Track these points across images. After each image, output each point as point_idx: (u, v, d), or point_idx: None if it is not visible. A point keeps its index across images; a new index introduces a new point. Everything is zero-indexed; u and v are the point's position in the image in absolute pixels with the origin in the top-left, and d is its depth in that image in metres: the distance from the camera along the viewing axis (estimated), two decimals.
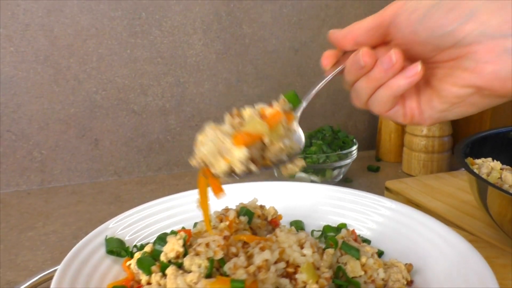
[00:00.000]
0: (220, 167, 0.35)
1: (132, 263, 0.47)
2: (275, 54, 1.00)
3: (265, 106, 0.40)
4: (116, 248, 0.50)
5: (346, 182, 0.91)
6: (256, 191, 0.62)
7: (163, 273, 0.41)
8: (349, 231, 0.51)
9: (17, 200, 0.86)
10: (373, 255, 0.45)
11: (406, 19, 0.37)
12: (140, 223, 0.57)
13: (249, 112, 0.38)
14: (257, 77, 1.00)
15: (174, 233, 0.49)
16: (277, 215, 0.52)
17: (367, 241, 0.53)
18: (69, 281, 0.44)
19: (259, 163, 0.37)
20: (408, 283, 0.45)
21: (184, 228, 0.55)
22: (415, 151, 0.93)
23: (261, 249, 0.40)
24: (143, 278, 0.44)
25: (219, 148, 0.35)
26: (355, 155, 0.87)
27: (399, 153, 1.02)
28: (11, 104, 0.86)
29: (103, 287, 0.46)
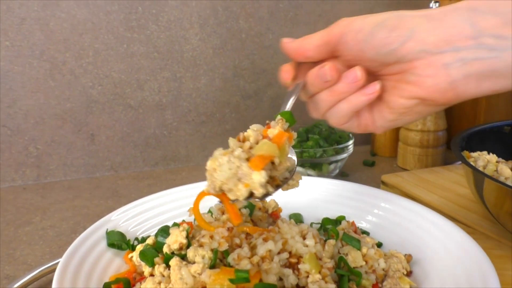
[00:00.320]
0: (241, 192, 0.35)
1: (135, 255, 0.47)
2: (271, 49, 1.00)
3: (261, 128, 0.40)
4: (117, 241, 0.50)
5: (343, 176, 0.92)
6: None
7: (166, 265, 0.42)
8: (349, 222, 0.52)
9: (13, 196, 0.85)
10: (373, 246, 0.46)
11: (353, 38, 0.40)
12: (140, 216, 0.57)
13: (254, 135, 0.38)
14: (254, 72, 1.00)
15: (177, 225, 0.49)
16: (277, 207, 0.52)
17: (366, 233, 0.54)
18: (71, 273, 0.44)
19: (271, 183, 0.38)
20: (408, 273, 0.46)
21: (184, 221, 0.55)
22: (410, 146, 0.94)
23: (264, 240, 0.40)
24: (146, 270, 0.44)
25: (236, 174, 0.35)
26: (351, 149, 0.88)
27: (394, 148, 1.03)
28: (6, 99, 0.85)
29: (105, 279, 0.46)
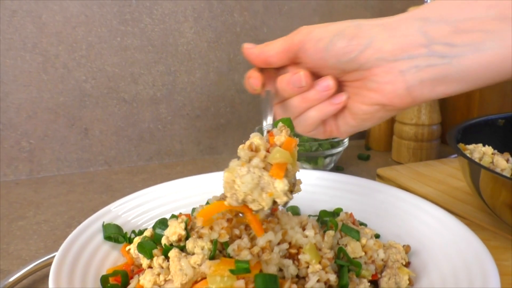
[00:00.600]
0: (266, 202, 0.36)
1: (132, 247, 0.46)
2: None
3: (259, 135, 0.40)
4: (113, 234, 0.50)
5: (338, 170, 0.92)
6: None
7: (165, 256, 0.41)
8: (347, 214, 0.52)
9: (6, 190, 0.84)
10: (372, 237, 0.46)
11: (314, 47, 0.42)
12: (137, 209, 0.57)
13: (263, 143, 0.38)
14: (249, 66, 0.98)
15: (175, 217, 0.48)
16: None
17: (363, 225, 0.54)
18: (68, 267, 0.43)
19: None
20: (406, 264, 0.46)
21: (181, 213, 0.55)
22: (404, 140, 0.94)
23: (264, 230, 0.40)
24: (144, 262, 0.43)
25: (258, 184, 0.35)
26: (346, 143, 0.88)
27: (388, 142, 1.03)
28: None
29: (103, 272, 0.46)
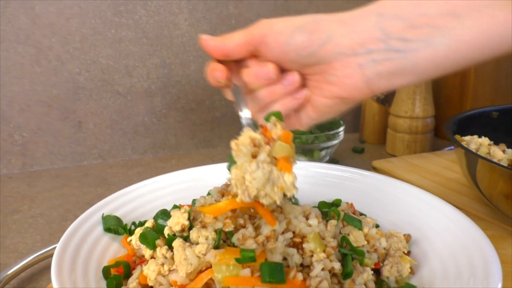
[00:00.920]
0: (278, 196, 0.36)
1: (134, 238, 0.46)
2: None
3: (250, 130, 0.40)
4: (113, 226, 0.50)
5: (333, 163, 0.92)
6: None
7: (168, 246, 0.41)
8: (348, 204, 0.52)
9: None
10: (373, 226, 0.46)
11: (275, 41, 0.42)
12: (136, 201, 0.56)
13: (262, 138, 0.38)
14: None
15: (177, 207, 0.48)
16: None
17: (363, 215, 0.54)
18: (69, 258, 0.43)
19: None
20: (407, 253, 0.46)
21: (181, 205, 0.55)
22: (399, 132, 0.95)
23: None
24: (147, 253, 0.43)
25: (269, 179, 0.35)
26: (342, 136, 0.88)
27: (383, 135, 1.04)
28: None
29: (104, 264, 0.45)
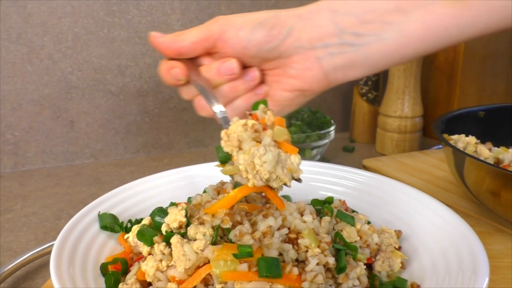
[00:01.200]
0: (288, 177, 0.37)
1: (131, 236, 0.47)
2: None
3: (239, 119, 0.40)
4: (109, 224, 0.50)
5: (324, 162, 0.93)
6: None
7: (166, 243, 0.42)
8: (340, 201, 0.53)
9: None
10: (366, 222, 0.47)
11: (235, 36, 0.42)
12: (131, 199, 0.57)
13: (254, 123, 0.39)
14: None
15: (174, 205, 0.49)
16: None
17: (354, 212, 0.55)
18: (67, 256, 0.43)
19: None
20: (397, 248, 0.47)
21: (177, 202, 0.55)
22: (388, 132, 0.97)
23: (264, 216, 0.41)
24: (144, 249, 0.44)
25: (277, 161, 0.36)
26: (333, 135, 0.90)
27: (372, 134, 1.05)
28: None
29: (101, 261, 0.46)
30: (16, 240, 0.63)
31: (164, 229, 0.44)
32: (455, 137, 0.67)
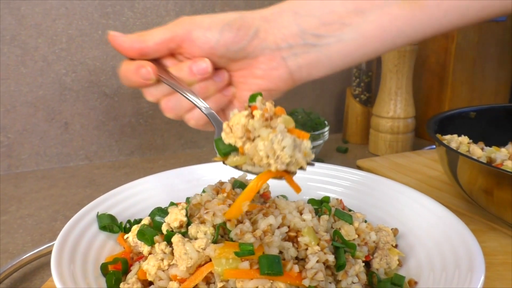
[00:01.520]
0: (304, 161, 0.37)
1: (131, 236, 0.47)
2: None
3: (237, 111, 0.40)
4: (108, 224, 0.50)
5: (318, 162, 0.94)
6: None
7: (167, 242, 0.42)
8: (338, 200, 0.54)
9: None
10: (363, 221, 0.48)
11: (203, 36, 0.42)
12: (129, 200, 0.57)
13: (258, 114, 0.39)
14: None
15: (174, 204, 0.49)
16: (268, 188, 0.54)
17: (351, 211, 0.56)
18: (67, 257, 0.43)
19: None
20: (394, 246, 0.48)
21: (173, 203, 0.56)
22: (381, 132, 0.98)
23: (264, 215, 0.42)
24: (145, 249, 0.44)
25: (295, 146, 0.37)
26: (327, 136, 0.90)
27: (365, 135, 1.07)
28: None
29: (101, 261, 0.46)
30: (13, 242, 0.63)
31: (164, 228, 0.44)
32: (448, 137, 0.68)
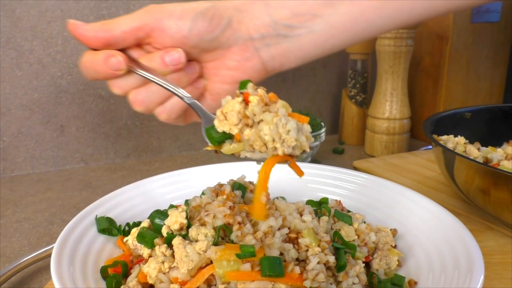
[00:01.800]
0: (307, 144, 0.38)
1: (130, 238, 0.47)
2: None
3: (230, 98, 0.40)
4: (107, 227, 0.50)
5: (315, 163, 0.94)
6: (239, 170, 0.64)
7: (168, 245, 0.42)
8: (337, 201, 0.54)
9: None
10: (362, 221, 0.48)
11: (175, 25, 0.40)
12: (127, 203, 0.57)
13: (256, 100, 0.39)
14: None
15: (174, 207, 0.49)
16: (267, 190, 0.54)
17: (349, 211, 0.56)
18: (67, 260, 0.43)
19: None
20: (393, 247, 0.48)
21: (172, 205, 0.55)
22: (377, 133, 0.98)
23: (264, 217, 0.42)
24: (145, 252, 0.44)
25: (298, 129, 0.37)
26: (323, 137, 0.91)
27: (361, 136, 1.07)
28: None
29: (101, 264, 0.46)
30: (10, 246, 0.63)
31: (164, 231, 0.44)
32: (444, 137, 0.68)
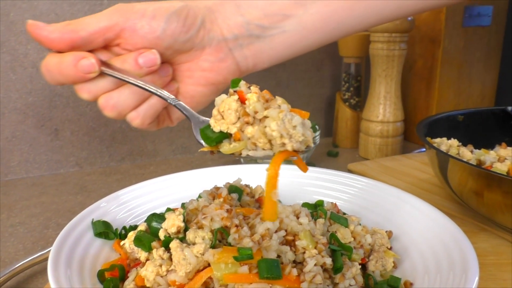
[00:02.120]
0: (313, 139, 0.38)
1: (127, 242, 0.47)
2: None
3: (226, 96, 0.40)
4: (104, 231, 0.50)
5: (310, 166, 0.95)
6: (234, 173, 0.64)
7: (165, 248, 0.42)
8: (332, 204, 0.55)
9: None
10: (358, 223, 0.49)
11: (147, 25, 0.38)
12: (123, 207, 0.57)
13: (255, 97, 0.40)
14: None
15: (171, 210, 0.49)
16: (263, 193, 0.54)
17: (345, 214, 0.56)
18: (64, 264, 0.43)
19: None
20: (389, 248, 0.49)
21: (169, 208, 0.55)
22: (371, 136, 0.99)
23: (261, 219, 0.42)
24: (142, 255, 0.44)
25: (303, 125, 0.37)
26: (318, 140, 0.91)
27: (355, 139, 1.08)
28: None
29: (97, 268, 0.46)
30: (4, 251, 0.62)
31: (162, 234, 0.44)
32: (437, 140, 0.69)
